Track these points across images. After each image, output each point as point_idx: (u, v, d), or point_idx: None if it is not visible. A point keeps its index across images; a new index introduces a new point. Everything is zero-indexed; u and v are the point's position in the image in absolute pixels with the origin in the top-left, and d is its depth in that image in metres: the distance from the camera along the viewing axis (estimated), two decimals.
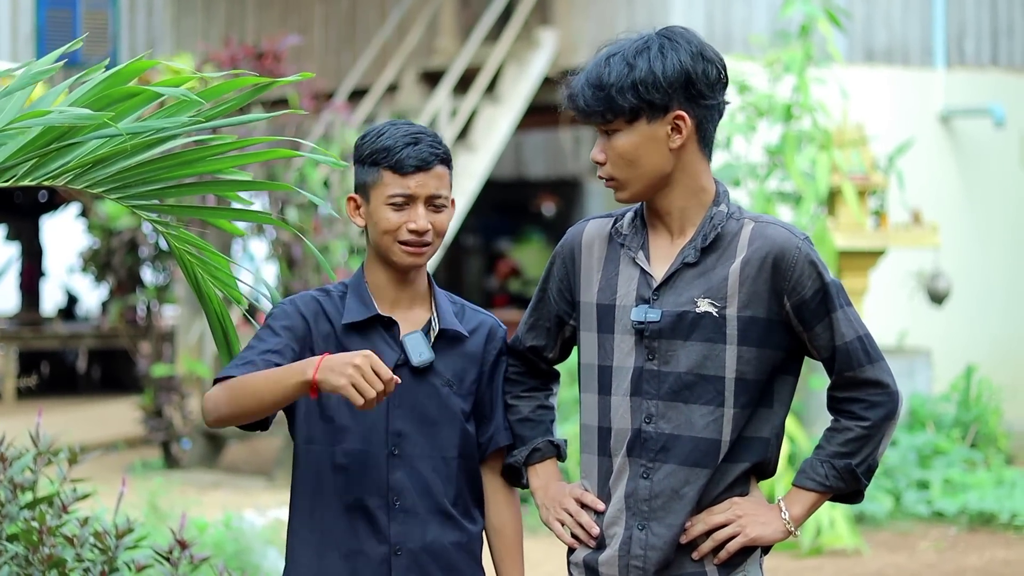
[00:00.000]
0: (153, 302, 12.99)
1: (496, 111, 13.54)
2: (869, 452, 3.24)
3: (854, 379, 3.24)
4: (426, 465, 3.39)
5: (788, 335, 3.24)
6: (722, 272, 3.21)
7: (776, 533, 3.24)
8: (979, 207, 14.68)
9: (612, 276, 3.29)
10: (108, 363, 18.50)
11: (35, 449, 4.50)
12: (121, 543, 4.28)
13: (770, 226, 3.23)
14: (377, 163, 3.37)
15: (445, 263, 16.35)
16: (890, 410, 3.24)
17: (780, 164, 10.34)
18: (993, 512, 10.12)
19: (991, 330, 14.61)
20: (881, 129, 13.01)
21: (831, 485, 3.24)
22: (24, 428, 4.75)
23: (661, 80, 3.17)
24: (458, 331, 3.43)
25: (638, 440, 3.22)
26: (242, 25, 16.63)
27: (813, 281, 3.20)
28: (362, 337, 3.39)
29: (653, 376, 3.22)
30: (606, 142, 3.23)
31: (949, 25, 14.71)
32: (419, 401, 3.39)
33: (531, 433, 3.45)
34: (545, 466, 3.44)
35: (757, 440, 3.24)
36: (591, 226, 3.38)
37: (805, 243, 3.21)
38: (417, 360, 3.38)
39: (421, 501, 3.38)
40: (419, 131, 3.38)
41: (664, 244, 3.28)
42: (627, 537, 3.23)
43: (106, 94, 3.17)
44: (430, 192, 3.38)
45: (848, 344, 3.22)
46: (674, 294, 3.22)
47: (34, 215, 20.41)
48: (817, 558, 9.21)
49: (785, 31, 10.43)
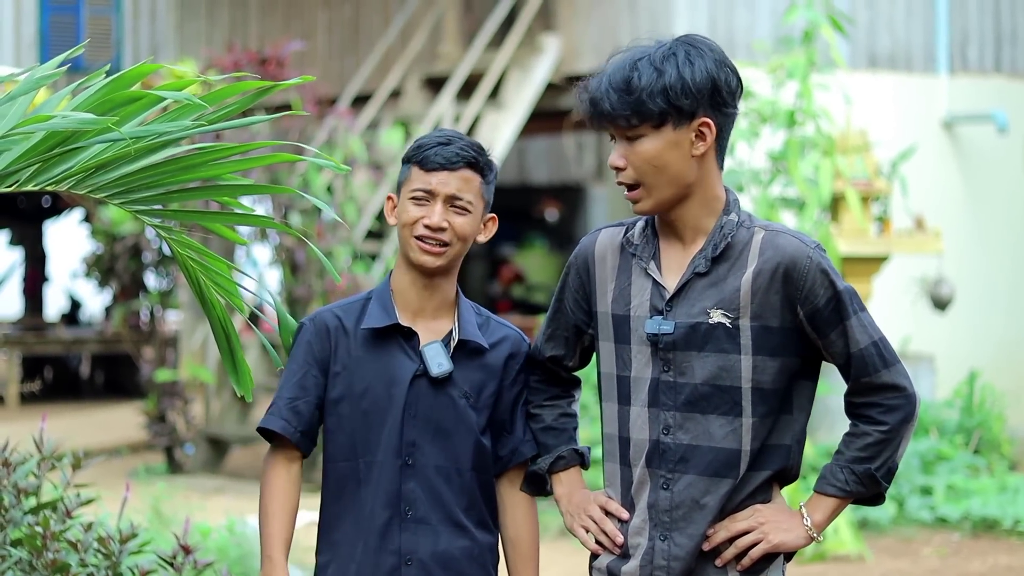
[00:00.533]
0: (156, 307, 12.99)
1: (499, 117, 13.54)
2: (888, 455, 3.25)
3: (871, 384, 3.24)
4: (439, 476, 3.40)
5: (803, 342, 3.24)
6: (734, 283, 3.21)
7: (799, 539, 3.25)
8: (982, 213, 14.67)
9: (625, 286, 3.29)
10: (111, 368, 18.50)
11: (39, 454, 4.50)
12: (125, 548, 4.28)
13: (781, 235, 3.23)
14: (409, 160, 3.42)
15: None
16: (908, 413, 3.25)
17: (783, 170, 10.33)
18: (996, 518, 10.11)
19: (994, 336, 14.61)
20: (884, 135, 13.01)
21: (852, 490, 3.25)
22: (28, 433, 4.75)
23: (691, 86, 3.17)
24: (479, 343, 3.43)
25: (656, 451, 3.23)
26: (245, 31, 16.64)
27: (825, 290, 3.20)
28: (381, 344, 3.41)
29: (669, 387, 3.22)
30: (627, 148, 3.21)
31: (952, 31, 14.70)
32: (435, 412, 3.40)
33: (555, 441, 3.46)
34: (569, 474, 3.45)
35: (779, 448, 3.25)
36: (603, 236, 3.37)
37: (816, 252, 3.21)
38: (436, 371, 3.39)
39: (433, 511, 3.39)
40: (456, 135, 3.42)
41: (676, 253, 3.27)
42: (650, 547, 3.24)
43: (109, 98, 3.16)
44: (451, 191, 3.39)
45: (863, 350, 3.23)
46: (687, 305, 3.23)
47: (38, 220, 20.42)
48: (821, 564, 9.20)
49: (788, 37, 10.43)
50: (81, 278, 14.15)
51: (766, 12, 13.58)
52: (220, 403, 12.87)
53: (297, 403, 3.43)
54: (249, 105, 3.27)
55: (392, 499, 3.37)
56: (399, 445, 3.38)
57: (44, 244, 20.72)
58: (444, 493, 3.39)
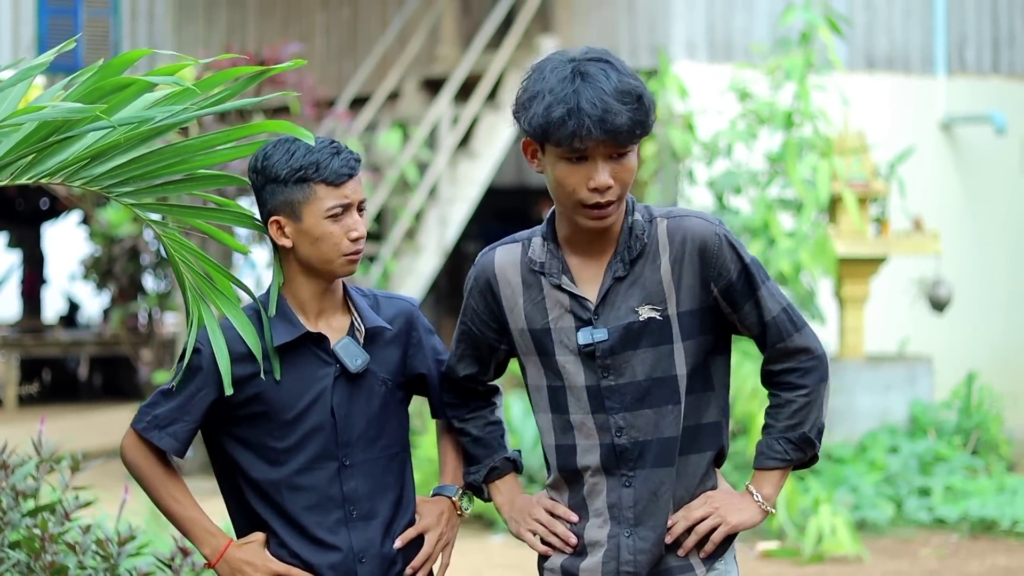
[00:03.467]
0: (154, 309, 13.01)
1: (497, 118, 13.55)
2: (815, 416, 3.31)
3: (785, 349, 3.30)
4: (376, 467, 3.42)
5: (717, 319, 3.29)
6: (654, 276, 3.24)
7: (755, 516, 3.31)
8: (980, 214, 14.68)
9: (539, 300, 3.29)
10: (110, 370, 18.49)
11: (37, 456, 4.51)
12: (123, 550, 4.29)
13: (684, 219, 3.27)
14: (306, 179, 3.34)
15: (447, 270, 16.32)
16: (823, 373, 3.32)
17: (781, 171, 10.35)
18: (994, 519, 10.11)
19: (992, 337, 14.61)
20: (882, 136, 13.01)
21: (792, 457, 3.32)
22: (26, 435, 4.76)
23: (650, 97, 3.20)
24: (382, 326, 3.43)
25: (613, 454, 3.26)
26: (243, 33, 16.64)
27: (735, 263, 3.25)
28: (293, 356, 3.38)
29: (612, 391, 3.25)
30: (616, 166, 3.17)
31: (950, 33, 14.71)
32: (361, 406, 3.41)
33: (485, 451, 3.49)
34: (505, 481, 3.47)
35: (711, 426, 3.31)
36: (500, 255, 3.35)
37: (721, 228, 3.27)
38: (354, 367, 3.39)
39: (377, 504, 3.40)
40: (331, 141, 3.38)
41: (584, 263, 3.28)
42: (614, 545, 3.26)
43: (98, 86, 3.14)
44: (360, 197, 3.39)
45: (775, 317, 3.29)
46: (613, 309, 3.25)
47: (36, 222, 20.41)
48: (819, 565, 9.21)
49: (786, 39, 10.44)
50: (79, 280, 14.18)
51: (764, 14, 13.59)
52: None
53: (177, 427, 3.43)
54: (241, 91, 3.24)
55: (336, 501, 3.38)
56: (335, 448, 3.38)
57: (42, 246, 20.72)
58: (382, 483, 3.41)
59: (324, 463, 3.38)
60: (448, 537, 3.49)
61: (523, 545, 3.43)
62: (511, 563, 9.12)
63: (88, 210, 13.22)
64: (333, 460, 3.38)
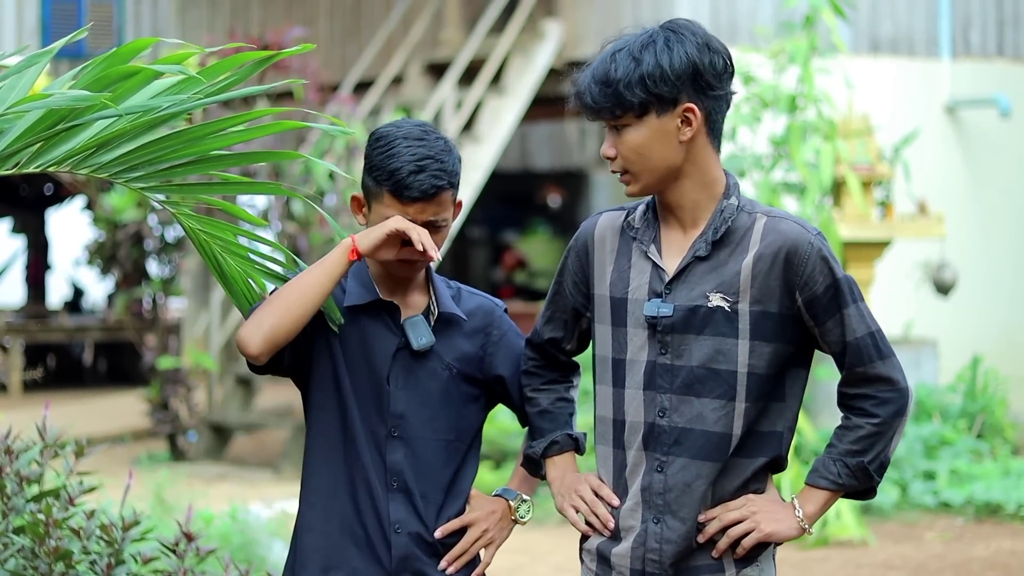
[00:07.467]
0: (159, 295, 12.99)
1: (501, 103, 13.53)
2: (881, 449, 3.24)
3: (864, 375, 3.24)
4: (425, 447, 3.43)
5: (799, 329, 3.24)
6: (734, 267, 3.22)
7: (790, 530, 3.26)
8: (985, 197, 14.66)
9: (625, 269, 3.30)
10: (114, 356, 18.50)
11: (42, 442, 4.51)
12: (127, 535, 4.29)
13: (783, 221, 3.24)
14: (380, 181, 3.36)
15: (451, 255, 16.35)
16: (900, 407, 3.24)
17: (785, 155, 10.33)
18: (999, 502, 10.11)
19: (997, 320, 14.60)
20: (886, 120, 12.99)
21: (844, 483, 3.26)
22: (31, 421, 4.76)
23: (669, 73, 3.17)
24: (456, 314, 3.47)
25: (652, 434, 3.24)
26: (247, 17, 16.62)
27: (825, 277, 3.21)
28: (366, 319, 3.44)
29: (666, 370, 3.23)
30: (616, 137, 3.23)
31: (955, 15, 14.68)
32: (420, 384, 3.44)
33: (550, 425, 3.48)
34: (563, 458, 3.47)
35: (771, 435, 3.26)
36: (603, 219, 3.38)
37: (818, 238, 3.22)
38: (418, 344, 3.42)
39: (419, 482, 3.41)
40: (427, 155, 3.35)
41: (676, 237, 3.28)
42: (643, 530, 3.25)
43: (105, 75, 3.15)
44: (428, 218, 3.38)
45: (859, 339, 3.22)
46: (686, 288, 3.23)
47: (40, 208, 20.41)
48: (824, 549, 9.21)
49: (790, 22, 10.41)
50: (83, 266, 14.15)
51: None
52: (223, 390, 12.88)
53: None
54: (247, 76, 3.24)
55: (378, 468, 3.40)
56: (386, 415, 3.40)
57: (46, 232, 20.72)
58: (430, 464, 3.43)
59: (374, 426, 3.41)
60: (494, 536, 3.49)
61: (529, 529, 3.42)
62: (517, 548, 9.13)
63: (92, 195, 13.21)
64: (382, 427, 3.41)
